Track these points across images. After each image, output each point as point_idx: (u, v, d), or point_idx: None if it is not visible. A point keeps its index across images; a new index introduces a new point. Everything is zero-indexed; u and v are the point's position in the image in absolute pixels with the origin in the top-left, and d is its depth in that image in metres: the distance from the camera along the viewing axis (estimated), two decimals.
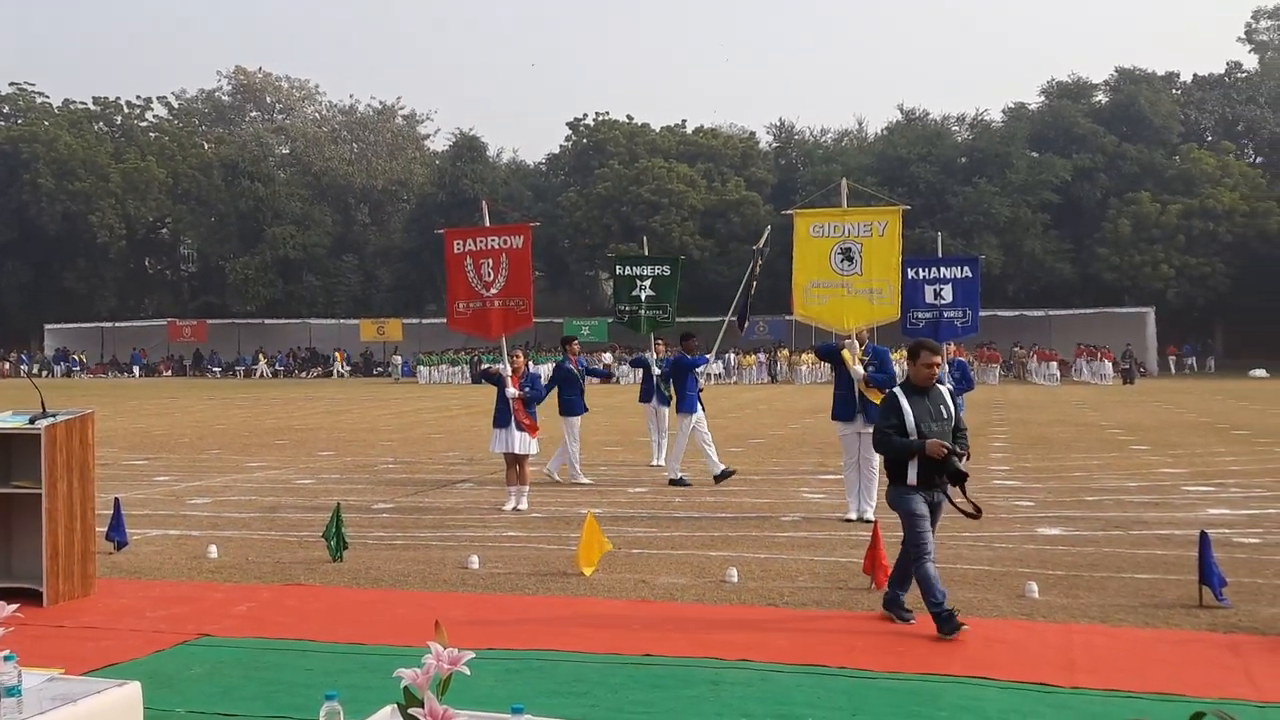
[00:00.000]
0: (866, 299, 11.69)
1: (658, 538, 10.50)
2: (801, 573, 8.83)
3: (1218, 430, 22.78)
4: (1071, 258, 59.95)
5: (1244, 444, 19.71)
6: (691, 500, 13.10)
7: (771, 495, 13.47)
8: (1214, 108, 66.54)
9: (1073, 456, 17.87)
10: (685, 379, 15.01)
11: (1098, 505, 12.42)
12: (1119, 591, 8.12)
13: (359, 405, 34.20)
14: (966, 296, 16.00)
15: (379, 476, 15.60)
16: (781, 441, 20.89)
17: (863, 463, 11.44)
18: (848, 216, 11.92)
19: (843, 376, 11.54)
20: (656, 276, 17.24)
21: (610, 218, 62.97)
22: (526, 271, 12.87)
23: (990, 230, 58.36)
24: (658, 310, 17.11)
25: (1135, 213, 58.00)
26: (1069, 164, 60.08)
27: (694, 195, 62.38)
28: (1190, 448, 19.09)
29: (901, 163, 61.26)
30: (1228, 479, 14.72)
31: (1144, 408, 30.63)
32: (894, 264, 11.78)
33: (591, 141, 68.73)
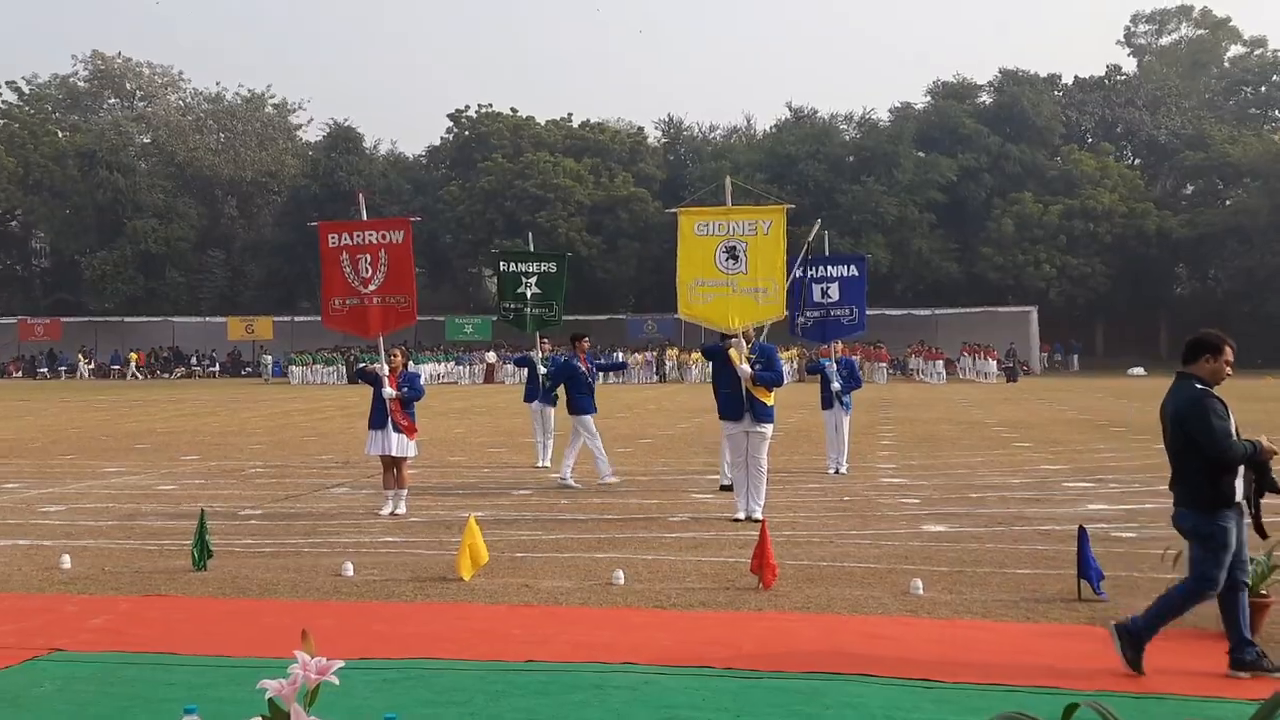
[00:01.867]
0: (752, 297, 11.82)
1: (542, 540, 10.47)
2: (689, 574, 8.89)
3: (1097, 427, 23.59)
4: (957, 257, 61.52)
5: (1122, 440, 20.46)
6: (578, 502, 13.10)
7: (659, 496, 13.54)
8: (1094, 110, 68.94)
9: (957, 454, 18.33)
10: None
11: (981, 502, 12.76)
12: (1001, 586, 8.35)
13: (226, 407, 33.42)
14: (853, 295, 16.33)
15: (247, 481, 15.26)
16: (670, 441, 21.01)
17: (750, 462, 11.57)
18: (732, 215, 12.04)
19: (725, 375, 11.67)
20: (542, 274, 17.18)
21: (494, 212, 62.67)
22: (408, 267, 12.71)
23: (878, 229, 59.57)
24: (543, 308, 17.06)
25: (1018, 213, 59.82)
26: (954, 164, 61.68)
27: (581, 190, 62.44)
28: (1071, 444, 19.73)
29: (790, 160, 62.17)
30: (1106, 474, 15.26)
31: (1027, 405, 31.56)
32: (779, 262, 11.94)
33: (474, 134, 68.34)
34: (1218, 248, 60.57)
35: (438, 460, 17.76)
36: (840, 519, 11.69)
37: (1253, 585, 6.92)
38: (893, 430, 23.44)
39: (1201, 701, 5.65)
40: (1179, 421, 6.34)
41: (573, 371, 15.00)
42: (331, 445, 20.61)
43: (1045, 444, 19.90)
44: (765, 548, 8.31)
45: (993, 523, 11.32)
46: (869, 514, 12.01)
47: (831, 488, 14.24)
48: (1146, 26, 77.98)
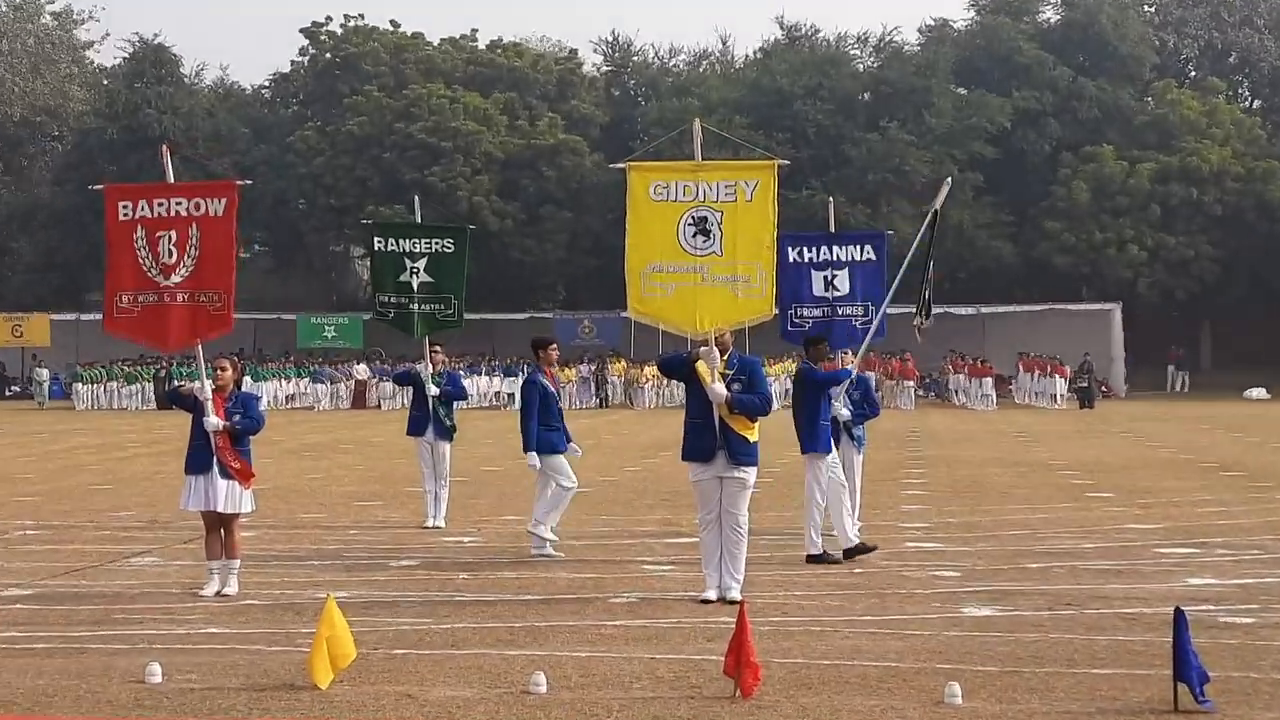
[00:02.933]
0: (729, 289, 11.83)
1: (432, 631, 10.43)
2: (638, 677, 8.89)
3: (1203, 471, 23.82)
4: (1012, 235, 62.05)
5: (1237, 490, 20.66)
6: (483, 576, 13.06)
7: (598, 567, 13.53)
8: (1198, 32, 69.83)
9: (1012, 508, 18.46)
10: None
11: (1044, 575, 12.86)
12: (1070, 693, 8.41)
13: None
14: (869, 287, 16.39)
15: (11, 549, 15.07)
16: (614, 491, 20.99)
17: (725, 519, 11.57)
18: (703, 173, 12.04)
19: (697, 399, 11.66)
20: (435, 255, 17.15)
21: (367, 168, 62.48)
22: (228, 252, 12.46)
23: (903, 195, 60.03)
24: (436, 304, 17.03)
25: (1095, 174, 60.37)
26: (1008, 105, 62.24)
27: (490, 138, 62.39)
28: (1166, 495, 19.92)
29: (782, 98, 62.50)
30: (1214, 538, 15.40)
31: (1106, 441, 31.79)
32: (767, 240, 11.96)
33: (339, 57, 68.19)
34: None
35: (285, 518, 17.62)
36: (849, 599, 11.73)
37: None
38: (923, 475, 23.56)
39: None
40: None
41: (543, 393, 14.88)
42: (133, 497, 20.39)
43: (1131, 494, 20.06)
44: (744, 640, 8.31)
45: (1058, 604, 11.41)
46: (889, 592, 12.06)
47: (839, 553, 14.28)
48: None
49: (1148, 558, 14.02)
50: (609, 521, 17.33)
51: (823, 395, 14.15)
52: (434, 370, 17.07)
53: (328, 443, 32.70)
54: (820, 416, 14.06)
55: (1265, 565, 13.43)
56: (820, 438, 14.02)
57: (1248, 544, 14.90)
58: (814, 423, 14.02)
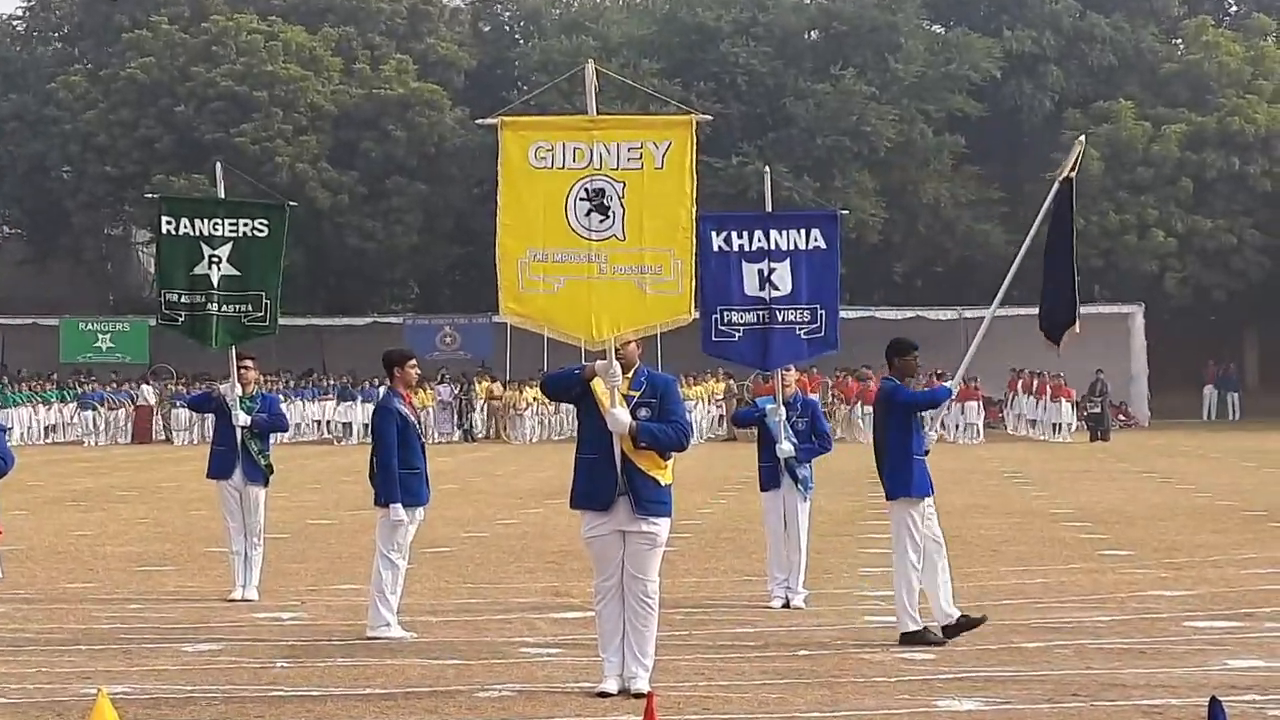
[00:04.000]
0: (634, 284, 11.85)
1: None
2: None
3: (1246, 522, 24.20)
4: (1003, 216, 62.53)
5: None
6: (309, 665, 13.00)
7: (462, 652, 13.53)
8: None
9: (1003, 570, 18.69)
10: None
11: (1044, 657, 13.00)
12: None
13: None
14: (817, 284, 16.47)
15: None
16: (484, 552, 21.01)
17: (629, 587, 11.57)
18: (599, 132, 12.03)
19: (593, 430, 11.66)
20: (243, 240, 17.06)
21: (154, 126, 62.02)
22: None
23: (861, 162, 60.49)
24: (243, 304, 16.92)
25: (1110, 137, 60.97)
26: (997, 48, 62.85)
27: (318, 87, 62.12)
28: (1202, 553, 20.19)
29: (704, 37, 62.76)
30: (1261, 607, 15.62)
31: (1125, 482, 32.21)
32: (684, 219, 11.98)
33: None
34: None
35: (44, 589, 17.46)
36: (792, 690, 11.78)
37: None
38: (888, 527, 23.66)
39: None
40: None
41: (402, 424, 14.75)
42: None
43: (1157, 552, 20.34)
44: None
45: (1063, 693, 11.54)
46: (843, 681, 12.13)
47: (777, 633, 14.39)
48: None
49: (1176, 634, 14.19)
50: (476, 591, 17.33)
51: (914, 422, 14.17)
52: (244, 393, 16.98)
53: (102, 488, 32.37)
54: (914, 449, 14.05)
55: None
56: (914, 477, 13.98)
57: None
58: (906, 457, 14.01)
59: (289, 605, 16.23)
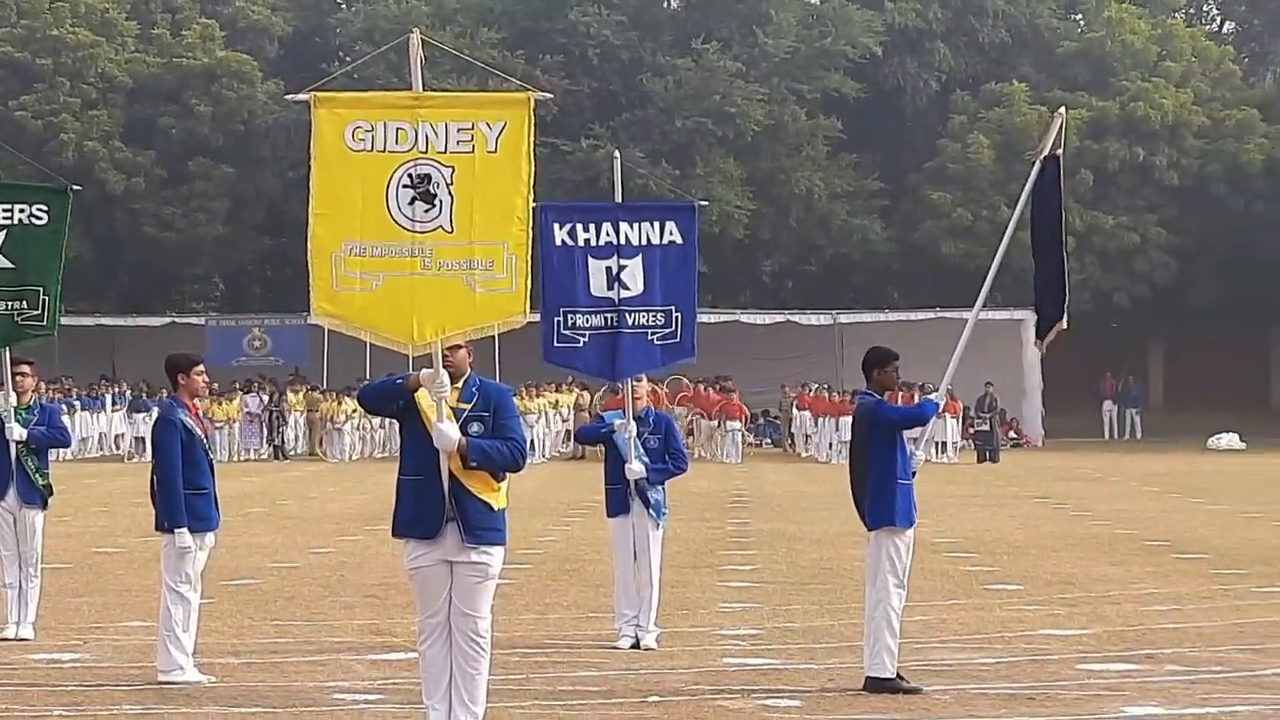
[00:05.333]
0: (462, 281, 11.80)
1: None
2: None
3: (1150, 552, 24.53)
4: (884, 210, 63.19)
5: (1196, 579, 21.36)
6: (87, 714, 12.86)
7: (268, 698, 13.47)
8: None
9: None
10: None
11: (924, 704, 13.09)
12: None
13: None
14: (673, 285, 16.50)
15: None
16: (295, 585, 21.00)
17: (458, 624, 11.52)
18: (425, 110, 11.99)
19: (418, 447, 11.61)
20: (15, 228, 16.86)
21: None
22: None
23: (725, 148, 60.79)
24: (17, 300, 16.72)
25: (1002, 123, 61.68)
26: (878, 21, 63.45)
27: (110, 55, 61.72)
28: (1098, 588, 20.49)
29: (550, 5, 62.84)
30: (1163, 648, 15.86)
31: (1016, 508, 32.60)
32: (519, 211, 11.95)
33: None
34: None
35: None
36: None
37: None
38: (753, 559, 23.85)
39: None
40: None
41: (186, 439, 14.54)
42: None
43: (1049, 587, 20.61)
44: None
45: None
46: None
47: (625, 676, 14.39)
48: None
49: (1069, 678, 14.35)
50: (286, 629, 17.24)
51: (898, 442, 14.08)
52: (19, 403, 16.78)
53: None
54: (899, 473, 13.95)
55: (1232, 687, 13.82)
56: (898, 504, 13.88)
57: (1209, 658, 15.36)
58: (889, 482, 13.93)
59: (70, 645, 16.05)
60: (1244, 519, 30.14)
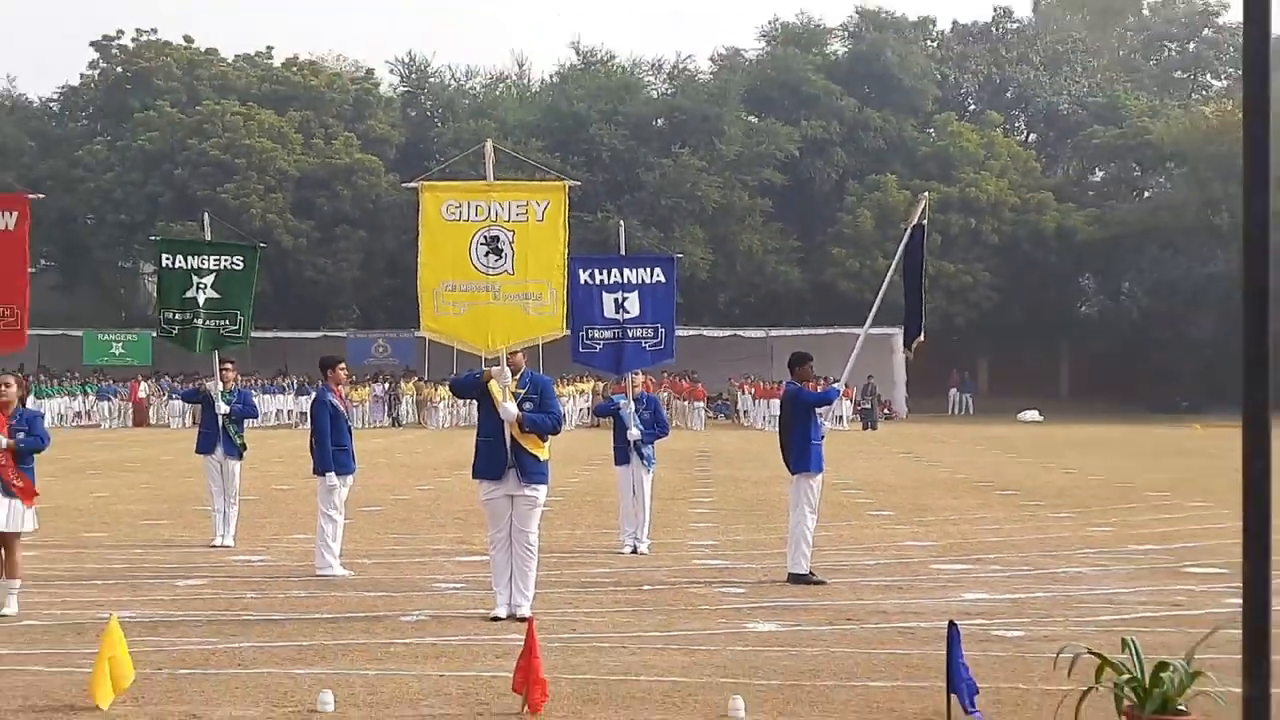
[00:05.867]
0: (520, 307, 11.86)
1: (218, 651, 10.25)
2: (427, 695, 8.85)
3: (977, 490, 24.53)
4: (801, 260, 63.10)
5: (1008, 508, 21.35)
6: (271, 596, 12.88)
7: (389, 586, 13.45)
8: (978, 67, 71.97)
9: None
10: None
11: (825, 591, 13.10)
12: (848, 705, 8.60)
13: None
14: (659, 310, 16.54)
15: None
16: (406, 509, 20.90)
17: (515, 537, 11.56)
18: (495, 193, 12.07)
19: (489, 418, 11.64)
20: (223, 272, 16.90)
21: (158, 184, 61.18)
22: (20, 266, 12.24)
23: (695, 219, 60.71)
24: (222, 320, 16.76)
25: (880, 201, 61.57)
26: (797, 134, 63.36)
27: (284, 156, 61.52)
28: (944, 513, 20.49)
29: (577, 122, 62.80)
30: (987, 554, 15.88)
31: (889, 461, 32.58)
32: (558, 260, 12.02)
33: (130, 71, 66.59)
34: (1133, 254, 63.32)
35: (69, 537, 17.18)
36: (638, 615, 11.81)
37: (1169, 698, 7.32)
38: (712, 493, 23.84)
39: None
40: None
41: (335, 411, 14.60)
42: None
43: (910, 513, 20.60)
44: (533, 657, 8.33)
45: (839, 618, 11.65)
46: (677, 608, 12.18)
47: (627, 573, 14.38)
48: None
49: (924, 574, 14.39)
50: (400, 540, 17.23)
51: (812, 415, 13.99)
52: (225, 388, 16.83)
53: (114, 460, 31.90)
54: (812, 436, 13.89)
55: (1035, 581, 13.88)
56: (812, 457, 13.84)
57: (1019, 560, 15.38)
58: (805, 443, 13.88)
59: (257, 550, 16.08)
60: (1042, 467, 30.19)
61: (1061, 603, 12.54)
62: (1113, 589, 13.31)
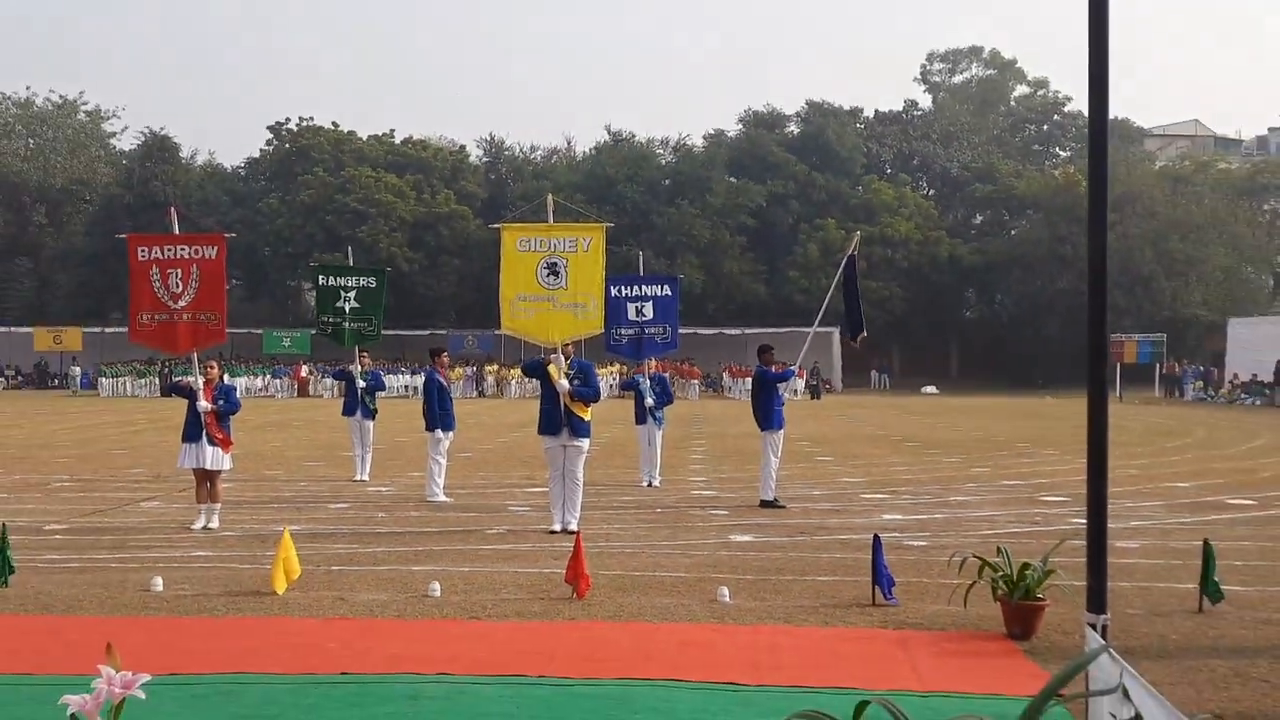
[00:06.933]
0: (571, 313, 11.88)
1: (359, 554, 10.28)
2: (505, 585, 8.87)
3: (892, 442, 24.49)
4: (766, 279, 62.95)
5: (914, 454, 21.30)
6: (396, 515, 12.91)
7: (477, 509, 13.45)
8: (893, 142, 71.65)
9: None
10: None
11: (785, 513, 13.10)
12: (802, 593, 8.60)
13: (31, 420, 31.68)
14: (666, 314, 16.55)
15: (52, 495, 14.51)
16: (489, 455, 20.91)
17: (567, 475, 11.60)
18: (554, 232, 12.09)
19: (550, 391, 11.67)
20: (362, 288, 16.91)
21: (314, 226, 61.22)
22: (220, 285, 12.34)
23: (691, 250, 60.52)
24: (362, 323, 16.79)
25: (823, 238, 61.47)
26: (764, 190, 63.13)
27: (403, 206, 61.56)
28: (869, 458, 20.45)
29: (608, 182, 62.65)
30: (900, 487, 15.87)
31: (829, 421, 32.55)
32: (598, 279, 12.03)
33: (295, 147, 66.61)
34: (1003, 274, 63.34)
35: (253, 474, 17.24)
36: (652, 530, 11.84)
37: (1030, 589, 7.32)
38: (703, 444, 23.84)
39: (981, 699, 5.94)
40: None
41: (439, 387, 14.63)
42: (142, 458, 19.76)
43: (845, 458, 20.58)
44: (579, 559, 8.35)
45: (796, 532, 11.65)
46: (680, 525, 12.20)
47: (645, 499, 14.39)
48: (941, 65, 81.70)
49: (855, 501, 14.38)
50: (485, 477, 17.26)
51: (775, 389, 13.86)
52: (362, 369, 16.86)
53: (284, 421, 31.98)
54: (775, 404, 13.80)
55: (933, 507, 13.86)
56: (774, 419, 13.75)
57: (922, 492, 15.37)
58: (770, 408, 13.81)
59: (384, 483, 16.12)
60: (940, 427, 30.12)
61: (953, 522, 12.52)
62: (989, 512, 13.28)
